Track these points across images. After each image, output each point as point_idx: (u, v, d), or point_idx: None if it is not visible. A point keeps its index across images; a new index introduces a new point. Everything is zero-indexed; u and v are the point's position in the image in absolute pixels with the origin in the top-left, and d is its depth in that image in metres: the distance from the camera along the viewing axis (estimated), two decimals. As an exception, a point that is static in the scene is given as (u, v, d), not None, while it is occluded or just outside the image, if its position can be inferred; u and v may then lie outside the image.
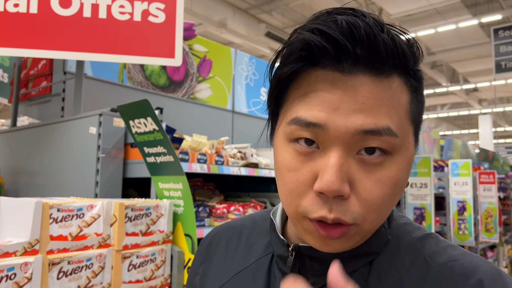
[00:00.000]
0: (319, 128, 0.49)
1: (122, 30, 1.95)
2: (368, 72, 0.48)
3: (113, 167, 1.91)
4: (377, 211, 0.50)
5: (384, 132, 0.48)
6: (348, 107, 0.48)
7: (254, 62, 3.65)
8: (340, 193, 0.48)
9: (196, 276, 0.73)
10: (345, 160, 0.49)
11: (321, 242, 0.52)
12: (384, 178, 0.50)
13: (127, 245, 1.54)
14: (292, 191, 0.52)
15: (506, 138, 24.26)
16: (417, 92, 0.53)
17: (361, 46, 0.47)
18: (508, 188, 8.02)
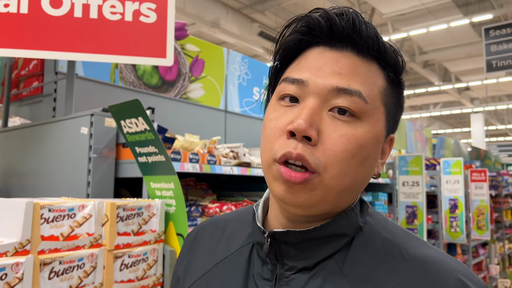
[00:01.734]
0: (302, 84, 0.58)
1: (113, 30, 1.95)
2: (352, 50, 0.59)
3: (105, 167, 1.91)
4: (339, 165, 0.55)
5: (354, 93, 0.56)
6: (329, 69, 0.58)
7: (247, 61, 3.66)
8: (307, 133, 0.54)
9: (180, 266, 0.76)
10: (318, 112, 0.57)
11: (285, 189, 0.56)
12: (349, 135, 0.56)
13: (119, 245, 1.54)
14: (269, 137, 0.59)
15: (497, 137, 24.47)
16: (393, 86, 0.63)
17: (346, 24, 0.58)
18: (499, 186, 8.09)
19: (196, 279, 0.70)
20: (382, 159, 0.64)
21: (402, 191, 4.04)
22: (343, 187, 0.57)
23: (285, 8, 10.91)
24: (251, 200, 2.63)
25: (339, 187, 0.57)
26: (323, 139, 0.56)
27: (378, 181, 3.67)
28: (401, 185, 4.05)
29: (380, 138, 0.60)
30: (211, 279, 0.68)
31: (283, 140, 0.57)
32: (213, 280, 0.68)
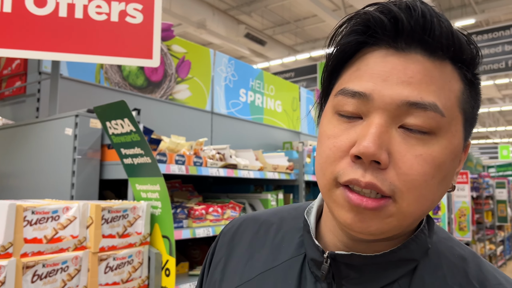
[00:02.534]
0: (364, 98, 0.49)
1: (98, 30, 1.93)
2: (421, 52, 0.49)
3: (90, 168, 1.89)
4: (417, 190, 0.48)
5: (429, 107, 0.48)
6: (397, 78, 0.49)
7: (233, 63, 3.66)
8: (376, 157, 0.47)
9: (218, 267, 0.69)
10: (386, 130, 0.48)
11: (354, 215, 0.50)
12: (426, 155, 0.48)
13: (103, 247, 1.53)
14: (328, 157, 0.51)
15: (479, 139, 24.93)
16: (471, 87, 0.53)
17: (415, 22, 0.48)
18: (480, 188, 8.25)
19: (237, 286, 0.64)
20: (458, 167, 0.56)
21: (386, 193, 4.09)
22: (421, 213, 0.51)
23: (271, 10, 10.95)
24: (237, 202, 2.63)
25: (417, 213, 0.51)
26: (396, 162, 0.48)
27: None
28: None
29: (459, 151, 0.53)
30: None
31: (346, 163, 0.50)
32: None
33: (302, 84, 9.01)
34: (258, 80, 3.98)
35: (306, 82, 9.16)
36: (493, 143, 22.88)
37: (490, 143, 23.57)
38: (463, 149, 0.55)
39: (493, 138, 23.78)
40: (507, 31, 7.39)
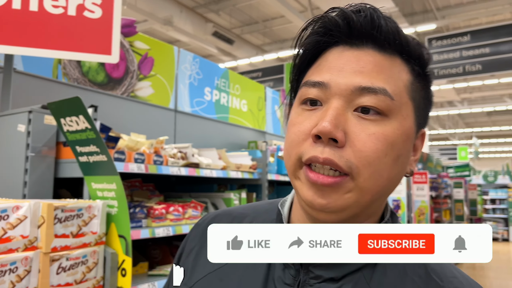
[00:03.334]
0: (323, 87, 0.56)
1: (55, 24, 1.88)
2: (373, 47, 0.57)
3: (44, 166, 1.83)
4: (371, 166, 0.53)
5: (379, 91, 0.54)
6: (350, 68, 0.55)
7: (198, 61, 3.63)
8: (332, 135, 0.52)
9: (189, 257, 0.71)
10: (343, 112, 0.54)
11: (314, 192, 0.55)
12: (378, 134, 0.54)
13: (56, 247, 1.48)
14: (293, 141, 0.57)
15: (439, 141, 25.84)
16: (420, 80, 0.60)
17: (364, 21, 0.56)
18: (439, 188, 8.56)
19: (207, 273, 0.66)
20: (415, 155, 0.62)
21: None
22: (378, 189, 0.56)
23: (240, 9, 10.93)
24: (199, 201, 2.61)
25: (374, 189, 0.55)
26: (351, 141, 0.53)
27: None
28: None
29: (411, 134, 0.58)
30: (225, 277, 0.65)
31: (308, 143, 0.55)
32: (228, 278, 0.64)
33: (269, 84, 9.06)
34: (224, 79, 3.97)
35: (273, 82, 9.21)
36: (452, 145, 23.77)
37: (450, 144, 24.48)
38: (417, 135, 0.61)
39: (452, 139, 24.72)
40: (465, 37, 7.70)
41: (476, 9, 9.77)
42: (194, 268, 0.69)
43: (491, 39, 7.36)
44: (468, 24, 10.94)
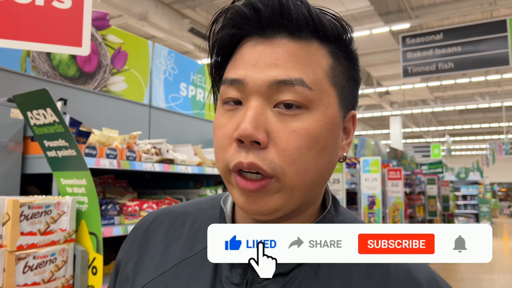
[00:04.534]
0: (240, 84, 0.54)
1: (22, 14, 1.80)
2: (286, 35, 0.54)
3: (10, 162, 1.76)
4: (295, 164, 0.52)
5: (296, 83, 0.52)
6: (264, 62, 0.53)
7: (173, 56, 3.58)
8: (254, 138, 0.51)
9: (129, 263, 0.67)
10: (262, 111, 0.52)
11: (245, 198, 0.54)
12: (299, 130, 0.52)
13: (22, 245, 1.42)
14: (220, 146, 0.56)
15: (413, 138, 26.38)
16: (341, 59, 0.58)
17: (273, 9, 0.53)
18: (413, 184, 8.73)
19: (152, 279, 0.63)
20: (347, 139, 0.61)
21: (324, 188, 4.20)
22: (307, 183, 0.55)
23: (216, 5, 10.85)
24: (174, 198, 2.57)
25: (303, 185, 0.55)
26: (274, 140, 0.52)
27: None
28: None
29: (336, 121, 0.56)
30: (171, 281, 0.62)
31: (233, 148, 0.54)
32: (173, 281, 0.61)
33: (246, 81, 9.04)
34: (200, 75, 3.92)
35: (250, 79, 9.19)
36: (426, 142, 24.30)
37: (423, 142, 25.02)
38: (345, 119, 0.60)
39: (426, 137, 25.27)
40: (437, 35, 7.86)
41: (449, 9, 10.00)
42: (136, 275, 0.65)
43: (463, 38, 7.54)
44: (441, 24, 11.19)
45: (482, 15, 10.53)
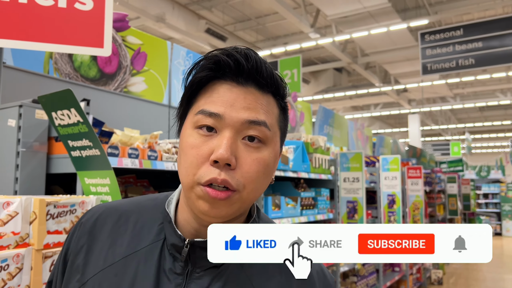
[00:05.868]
0: (218, 117, 0.69)
1: (45, 16, 1.83)
2: (255, 87, 0.72)
3: (35, 162, 1.79)
4: (253, 183, 0.70)
5: (262, 124, 0.70)
6: (240, 105, 0.70)
7: (192, 56, 3.59)
8: (229, 161, 0.67)
9: (79, 254, 0.77)
10: (234, 141, 0.69)
11: (210, 205, 0.68)
12: (259, 159, 0.70)
13: (48, 244, 1.45)
14: (192, 163, 0.69)
15: (432, 136, 25.98)
16: (283, 112, 0.78)
17: (251, 66, 0.70)
18: (433, 183, 8.59)
19: (101, 270, 0.74)
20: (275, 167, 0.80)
21: (344, 187, 4.16)
22: (255, 198, 0.73)
23: (232, 6, 10.88)
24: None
25: (253, 199, 0.72)
26: (240, 164, 0.69)
27: (321, 177, 3.75)
28: (343, 181, 4.18)
29: (278, 156, 0.76)
30: (120, 271, 0.73)
31: (206, 167, 0.68)
32: (122, 272, 0.73)
33: (263, 80, 9.02)
34: (217, 75, 3.94)
35: (267, 79, 9.17)
36: (445, 140, 23.90)
37: (442, 140, 24.61)
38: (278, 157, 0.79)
39: (445, 135, 24.86)
40: (457, 31, 7.72)
41: (468, 4, 9.80)
42: (86, 265, 0.75)
43: (484, 33, 7.38)
44: (460, 20, 10.98)
45: (503, 9, 10.31)
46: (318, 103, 15.10)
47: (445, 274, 8.21)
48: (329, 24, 11.08)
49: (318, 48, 13.05)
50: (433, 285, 7.42)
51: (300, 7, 9.87)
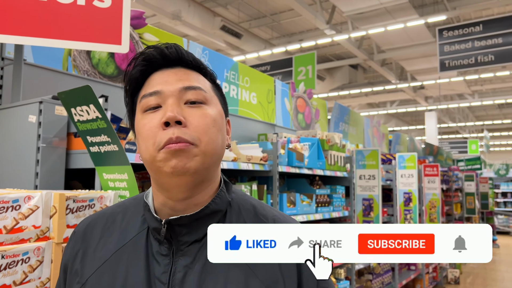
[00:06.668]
0: (158, 94, 0.78)
1: (64, 14, 1.86)
2: (182, 67, 0.82)
3: (55, 157, 1.82)
4: (206, 134, 0.76)
5: (197, 88, 0.79)
6: (173, 79, 0.79)
7: (207, 53, 3.61)
8: (177, 118, 0.74)
9: (76, 260, 0.84)
10: (178, 105, 0.77)
11: (174, 159, 0.73)
12: (204, 114, 0.78)
13: (68, 238, 1.47)
14: (148, 136, 0.76)
15: (449, 134, 25.60)
16: (217, 87, 0.87)
17: (173, 51, 0.81)
18: (450, 181, 8.47)
19: (98, 267, 0.81)
20: (228, 135, 0.88)
21: (359, 184, 4.13)
22: (214, 152, 0.78)
23: (247, 3, 10.87)
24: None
25: (213, 152, 0.77)
26: (189, 122, 0.75)
27: (336, 175, 3.73)
28: (358, 179, 4.15)
29: (222, 115, 0.84)
30: (113, 265, 0.80)
31: (161, 133, 0.74)
32: (116, 264, 0.80)
33: (278, 77, 9.01)
34: (233, 71, 3.94)
35: (282, 76, 9.16)
36: (463, 138, 23.53)
37: (460, 137, 24.23)
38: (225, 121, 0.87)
39: (462, 133, 24.47)
40: (477, 27, 7.57)
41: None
42: (83, 267, 0.82)
43: (504, 29, 7.23)
44: (480, 15, 10.77)
45: (524, 4, 10.06)
46: (333, 100, 15.01)
47: (462, 274, 8.10)
48: (345, 20, 10.99)
49: (333, 45, 12.96)
50: (449, 284, 7.33)
51: (316, 4, 9.81)
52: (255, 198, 0.92)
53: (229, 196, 0.85)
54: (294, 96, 5.15)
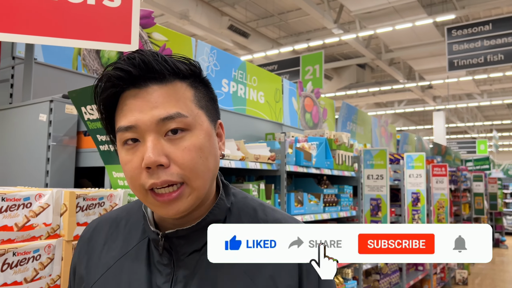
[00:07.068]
0: (134, 128, 0.70)
1: (74, 13, 1.87)
2: (155, 83, 0.72)
3: (65, 156, 1.83)
4: (194, 171, 0.71)
5: (175, 116, 0.70)
6: (147, 107, 0.70)
7: (216, 53, 3.61)
8: (158, 162, 0.68)
9: (81, 265, 0.85)
10: (158, 141, 0.70)
11: (164, 207, 0.71)
12: (188, 146, 0.71)
13: (78, 235, 1.48)
14: (132, 177, 0.72)
15: (457, 134, 25.40)
16: (200, 88, 0.77)
17: (139, 67, 0.70)
18: (458, 181, 8.41)
19: (102, 274, 0.81)
20: (221, 140, 0.81)
21: (367, 184, 4.11)
22: (207, 181, 0.74)
23: (255, 3, 10.87)
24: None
25: (205, 183, 0.74)
26: (173, 159, 0.69)
27: (344, 174, 3.72)
28: (366, 178, 4.13)
29: (210, 132, 0.76)
30: (117, 272, 0.80)
31: (144, 175, 0.70)
32: (119, 272, 0.80)
33: (285, 76, 9.00)
34: (241, 71, 3.94)
35: (289, 75, 9.15)
36: (471, 138, 23.34)
37: (468, 137, 24.04)
38: (216, 127, 0.79)
39: (471, 133, 24.27)
40: (486, 26, 7.51)
41: (497, -2, 9.52)
42: (88, 274, 0.83)
43: (514, 28, 7.16)
44: (489, 14, 10.67)
45: (534, 3, 9.96)
46: (341, 99, 14.96)
47: (470, 274, 8.04)
48: (353, 19, 10.95)
49: (341, 44, 12.91)
50: (457, 285, 7.28)
51: (323, 3, 9.78)
52: (258, 199, 0.88)
53: (228, 202, 0.82)
54: (302, 96, 5.14)
